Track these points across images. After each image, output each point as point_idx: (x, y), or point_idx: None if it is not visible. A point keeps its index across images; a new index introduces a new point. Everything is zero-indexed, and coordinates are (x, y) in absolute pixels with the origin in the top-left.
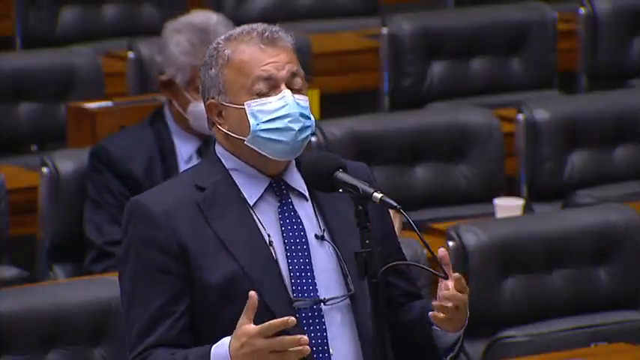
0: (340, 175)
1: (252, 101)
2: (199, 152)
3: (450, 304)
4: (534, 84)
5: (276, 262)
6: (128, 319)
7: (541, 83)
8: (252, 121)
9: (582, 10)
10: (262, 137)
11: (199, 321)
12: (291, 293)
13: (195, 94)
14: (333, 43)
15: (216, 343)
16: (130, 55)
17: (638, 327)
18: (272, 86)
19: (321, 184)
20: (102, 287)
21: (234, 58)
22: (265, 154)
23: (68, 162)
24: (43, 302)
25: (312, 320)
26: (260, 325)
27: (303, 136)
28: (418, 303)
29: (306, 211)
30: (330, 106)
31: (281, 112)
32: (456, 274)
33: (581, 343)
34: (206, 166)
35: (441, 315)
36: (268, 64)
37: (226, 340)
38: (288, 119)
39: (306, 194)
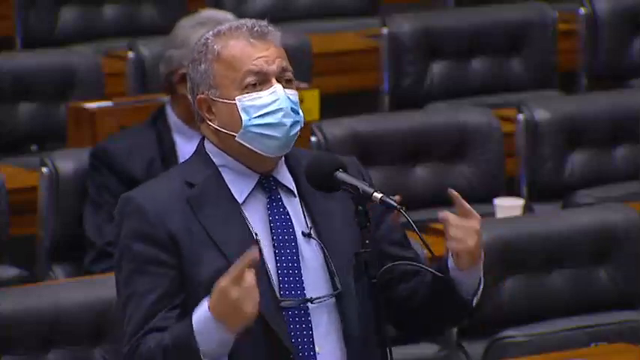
0: (340, 174)
1: (243, 96)
2: None
3: (460, 235)
4: (534, 84)
5: (263, 260)
6: (124, 314)
7: (541, 83)
8: (243, 116)
9: (582, 10)
10: (254, 132)
11: (187, 314)
12: (278, 292)
13: None
14: (333, 43)
15: None
16: (130, 55)
17: (638, 327)
18: (262, 80)
19: (322, 183)
20: (102, 287)
21: (224, 53)
22: (256, 151)
23: (68, 162)
24: (43, 302)
25: (298, 319)
26: (229, 277)
27: (294, 131)
28: (424, 277)
29: (293, 207)
30: (330, 106)
31: (273, 106)
32: (451, 191)
33: (581, 343)
34: (195, 162)
35: (458, 248)
36: (258, 58)
37: (204, 300)
38: (281, 114)
39: (295, 191)
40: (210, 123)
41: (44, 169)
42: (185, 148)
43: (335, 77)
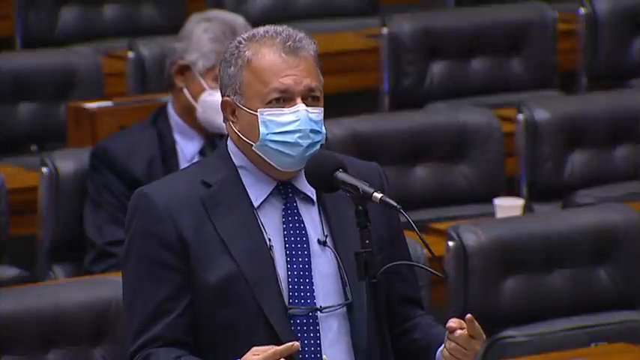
0: (340, 174)
1: (266, 110)
2: (202, 153)
3: (459, 356)
4: (534, 84)
5: (274, 266)
6: (129, 313)
7: (541, 83)
8: (262, 129)
9: (582, 10)
10: (270, 147)
11: (194, 318)
12: (286, 300)
13: (213, 83)
14: (333, 43)
15: (209, 341)
16: (130, 55)
17: (638, 327)
18: (287, 98)
19: (322, 183)
20: (102, 287)
21: (254, 62)
22: (271, 163)
23: (68, 162)
24: (43, 302)
25: (306, 327)
26: (264, 355)
27: (310, 151)
28: (424, 324)
29: (311, 215)
30: (330, 106)
31: (292, 126)
32: (469, 316)
33: (581, 343)
34: (215, 160)
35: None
36: (287, 75)
37: None
38: (298, 135)
39: (314, 198)
40: (232, 126)
41: (44, 169)
42: (186, 147)
43: (335, 77)
